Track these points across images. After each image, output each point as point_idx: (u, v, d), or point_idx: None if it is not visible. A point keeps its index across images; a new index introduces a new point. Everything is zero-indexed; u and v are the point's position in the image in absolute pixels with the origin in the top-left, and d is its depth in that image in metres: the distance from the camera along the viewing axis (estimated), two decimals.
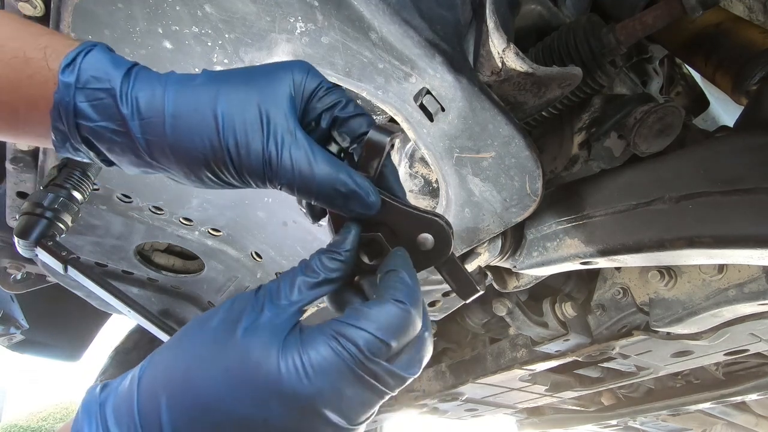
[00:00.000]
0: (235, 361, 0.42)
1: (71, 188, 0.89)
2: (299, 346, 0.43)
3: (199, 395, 0.42)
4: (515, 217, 0.93)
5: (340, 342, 0.42)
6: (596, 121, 0.98)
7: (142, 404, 0.42)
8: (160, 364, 0.44)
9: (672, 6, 0.80)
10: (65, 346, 2.49)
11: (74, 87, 0.46)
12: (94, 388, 0.45)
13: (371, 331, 0.43)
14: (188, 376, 0.42)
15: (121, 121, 0.46)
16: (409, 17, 0.71)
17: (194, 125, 0.46)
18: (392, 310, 0.44)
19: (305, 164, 0.48)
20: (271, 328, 0.44)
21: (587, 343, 1.41)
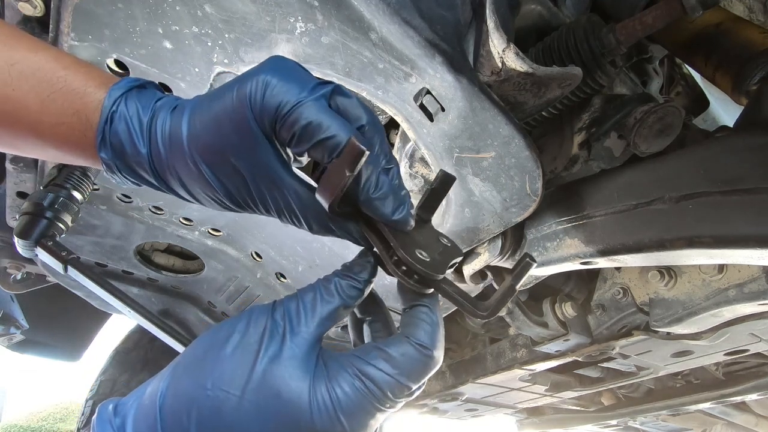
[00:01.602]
0: (266, 398, 0.43)
1: (71, 188, 0.89)
2: (327, 382, 0.45)
3: (226, 421, 0.42)
4: (515, 217, 0.93)
5: (365, 384, 0.45)
6: (596, 121, 0.98)
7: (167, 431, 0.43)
8: (183, 391, 0.44)
9: (672, 6, 0.80)
10: (65, 346, 2.49)
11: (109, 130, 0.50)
12: (106, 408, 0.45)
13: (395, 377, 0.45)
14: (218, 411, 0.43)
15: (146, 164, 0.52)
16: (409, 17, 0.71)
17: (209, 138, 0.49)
18: (414, 355, 0.47)
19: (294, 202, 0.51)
20: (298, 362, 0.45)
21: (587, 343, 1.41)
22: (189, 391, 0.44)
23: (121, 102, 0.50)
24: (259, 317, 0.47)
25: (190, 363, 0.46)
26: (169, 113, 0.50)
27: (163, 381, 0.46)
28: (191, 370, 0.45)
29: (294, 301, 0.49)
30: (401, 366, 0.46)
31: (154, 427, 0.43)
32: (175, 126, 0.49)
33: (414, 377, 0.46)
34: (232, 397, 0.43)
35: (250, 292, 1.49)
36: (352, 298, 0.50)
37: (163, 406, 0.44)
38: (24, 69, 0.49)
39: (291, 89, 0.46)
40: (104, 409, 0.46)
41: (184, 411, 0.43)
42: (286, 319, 0.47)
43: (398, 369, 0.46)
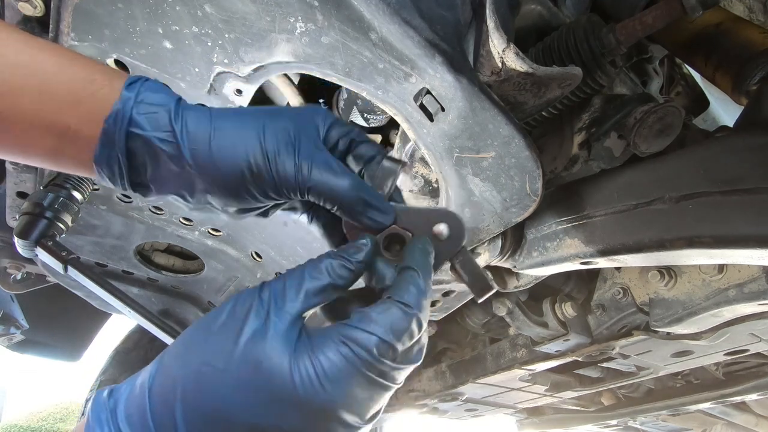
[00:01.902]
0: (248, 370, 0.43)
1: (71, 188, 0.89)
2: (310, 352, 0.44)
3: (214, 404, 0.43)
4: (515, 217, 0.93)
5: (350, 347, 0.44)
6: (596, 121, 0.98)
7: (156, 411, 0.43)
8: (170, 371, 0.45)
9: (672, 6, 0.80)
10: (65, 346, 2.49)
11: (134, 100, 0.51)
12: (101, 394, 0.46)
13: (379, 335, 0.44)
14: (202, 385, 0.43)
15: (170, 132, 0.51)
16: (409, 17, 0.71)
17: (238, 140, 0.52)
18: (397, 313, 0.46)
19: (333, 175, 0.53)
20: (280, 335, 0.45)
21: (587, 343, 1.41)
22: (175, 371, 0.45)
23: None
24: (246, 297, 0.48)
25: (178, 346, 0.47)
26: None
27: (153, 365, 0.47)
28: (179, 351, 0.46)
29: (281, 280, 0.49)
30: (384, 324, 0.45)
31: (143, 406, 0.43)
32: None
33: (398, 335, 0.45)
34: (215, 371, 0.43)
35: None
36: (342, 278, 0.50)
37: (152, 387, 0.44)
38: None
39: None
40: (99, 393, 0.47)
41: (170, 388, 0.44)
42: (272, 297, 0.47)
43: (381, 327, 0.45)
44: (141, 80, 0.53)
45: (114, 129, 0.50)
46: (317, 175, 0.52)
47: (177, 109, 0.52)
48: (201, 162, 0.51)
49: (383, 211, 0.55)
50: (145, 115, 0.51)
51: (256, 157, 0.52)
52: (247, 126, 0.53)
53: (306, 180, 0.52)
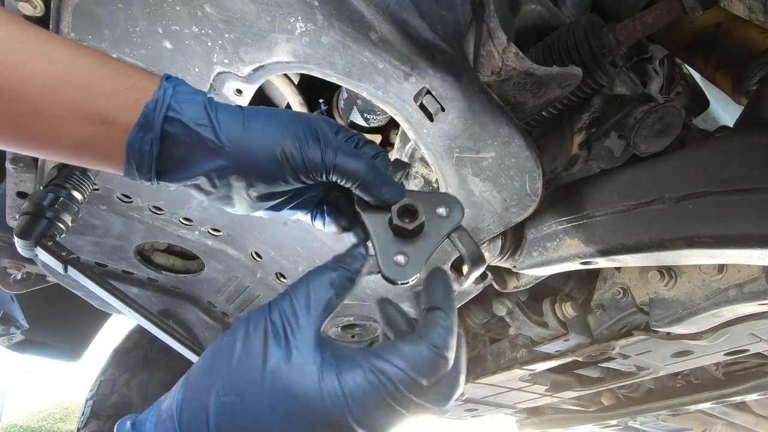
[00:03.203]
0: (278, 398, 0.46)
1: (71, 188, 0.89)
2: (338, 374, 0.47)
3: (243, 424, 0.45)
4: (515, 217, 0.93)
5: (376, 375, 0.47)
6: (596, 121, 0.98)
7: None
8: (198, 403, 0.46)
9: (672, 6, 0.80)
10: (65, 346, 2.49)
11: (172, 90, 0.55)
12: (123, 425, 0.48)
13: (406, 371, 0.47)
14: (235, 417, 0.45)
15: (207, 117, 0.55)
16: (409, 17, 0.71)
17: (269, 125, 0.58)
18: (427, 354, 0.49)
19: (351, 158, 0.59)
20: (304, 359, 0.47)
21: (587, 343, 1.41)
22: (203, 401, 0.46)
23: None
24: (257, 321, 0.49)
25: (199, 374, 0.48)
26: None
27: (177, 394, 0.48)
28: (202, 381, 0.48)
29: (287, 299, 0.51)
30: (413, 362, 0.48)
31: None
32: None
33: (425, 374, 0.48)
34: (246, 402, 0.45)
35: (250, 292, 1.49)
36: (344, 288, 0.54)
37: (181, 418, 0.45)
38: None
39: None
40: (122, 424, 0.48)
41: (202, 419, 0.45)
42: (284, 320, 0.49)
43: (410, 365, 0.47)
44: (175, 77, 0.58)
45: (153, 113, 0.53)
46: (340, 158, 0.59)
47: (210, 100, 0.57)
48: (235, 143, 0.56)
49: (394, 187, 0.62)
50: (184, 103, 0.55)
51: (287, 142, 0.57)
52: (274, 117, 0.59)
53: (332, 161, 0.58)
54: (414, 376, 0.47)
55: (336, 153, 0.59)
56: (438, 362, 0.49)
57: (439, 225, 0.63)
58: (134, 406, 2.37)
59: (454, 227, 0.64)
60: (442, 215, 0.63)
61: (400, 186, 0.63)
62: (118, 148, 0.54)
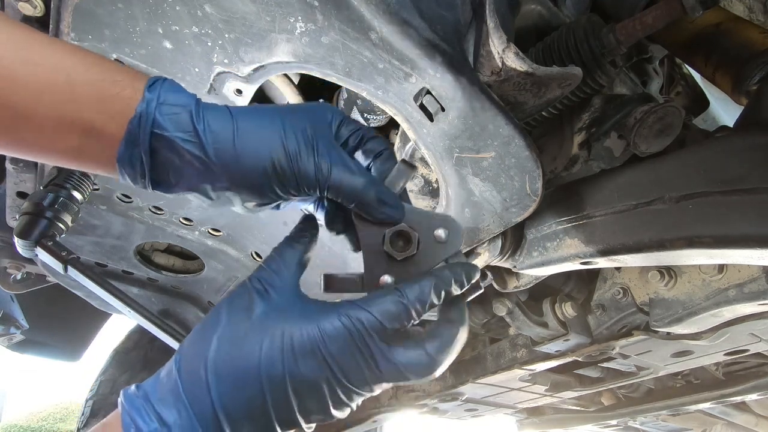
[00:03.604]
0: (267, 337, 0.51)
1: (71, 188, 0.89)
2: (316, 316, 0.53)
3: (239, 367, 0.50)
4: (515, 217, 0.93)
5: (349, 318, 0.52)
6: (596, 121, 0.98)
7: (187, 388, 0.50)
8: (194, 355, 0.52)
9: (672, 6, 0.80)
10: (65, 346, 2.49)
11: (156, 101, 0.53)
12: (128, 390, 0.52)
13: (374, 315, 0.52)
14: (229, 356, 0.51)
15: (193, 132, 0.53)
16: (409, 17, 0.71)
17: (260, 139, 0.55)
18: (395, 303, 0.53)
19: (350, 174, 0.57)
20: (285, 304, 0.54)
21: (587, 343, 1.41)
22: (199, 353, 0.51)
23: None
24: (240, 290, 0.56)
25: (193, 337, 0.54)
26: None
27: (174, 357, 0.53)
28: (196, 340, 0.53)
29: (262, 268, 0.58)
30: (381, 308, 0.53)
31: (176, 388, 0.50)
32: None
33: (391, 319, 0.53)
34: (237, 340, 0.51)
35: None
36: (309, 246, 0.62)
37: (180, 370, 0.51)
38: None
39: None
40: (126, 390, 0.52)
41: (199, 367, 0.50)
42: (263, 282, 0.56)
43: (378, 309, 0.52)
44: (160, 81, 0.55)
45: (138, 130, 0.52)
46: (336, 174, 0.56)
47: (198, 109, 0.54)
48: (225, 160, 0.54)
49: (395, 208, 0.60)
50: (168, 116, 0.53)
51: (279, 156, 0.55)
52: (267, 126, 0.56)
53: (326, 179, 0.56)
54: (381, 320, 0.52)
55: (331, 169, 0.56)
56: (406, 311, 0.53)
57: (435, 250, 0.60)
58: None
59: (450, 255, 0.61)
60: (440, 239, 0.61)
61: (400, 205, 0.60)
62: (109, 159, 0.53)
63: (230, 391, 0.49)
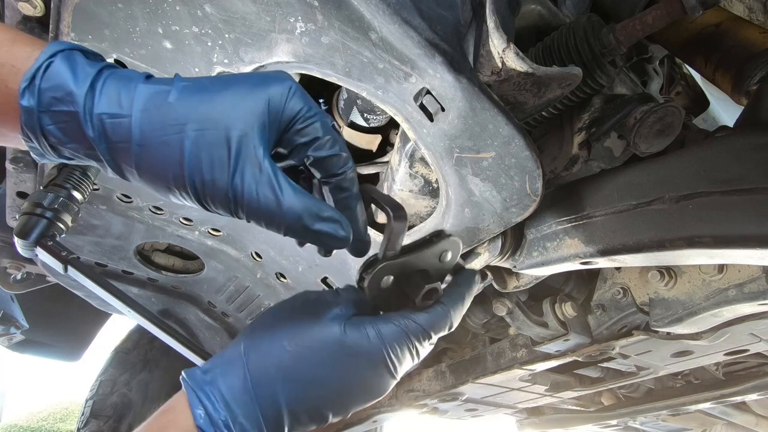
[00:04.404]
0: (337, 348, 0.57)
1: (71, 188, 0.89)
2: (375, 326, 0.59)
3: (308, 373, 0.55)
4: (515, 217, 0.93)
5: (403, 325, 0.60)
6: (596, 121, 0.98)
7: (255, 380, 0.53)
8: (266, 353, 0.56)
9: (672, 6, 0.80)
10: (65, 346, 2.50)
11: (37, 111, 0.44)
12: (194, 372, 0.55)
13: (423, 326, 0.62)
14: (299, 360, 0.55)
15: (88, 144, 0.45)
16: (409, 17, 0.71)
17: (162, 158, 0.45)
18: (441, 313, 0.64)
19: (271, 199, 0.47)
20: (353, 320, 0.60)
21: (587, 343, 1.41)
22: (271, 351, 0.56)
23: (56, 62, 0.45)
24: (309, 294, 0.64)
25: (263, 329, 0.59)
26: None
27: (242, 342, 0.57)
28: (266, 335, 0.58)
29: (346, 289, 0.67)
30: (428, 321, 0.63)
31: (245, 382, 0.53)
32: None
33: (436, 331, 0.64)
34: (306, 351, 0.56)
35: (250, 292, 1.49)
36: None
37: (248, 363, 0.54)
38: None
39: (310, 101, 0.53)
40: (191, 372, 0.55)
41: (271, 366, 0.54)
42: (341, 292, 0.65)
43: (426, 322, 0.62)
44: (40, 71, 0.44)
45: (34, 143, 0.46)
46: (253, 200, 0.46)
47: (88, 110, 0.44)
48: (128, 173, 0.48)
49: (337, 239, 0.52)
50: (57, 126, 0.45)
51: (178, 179, 0.46)
52: (172, 133, 0.45)
53: (241, 205, 0.47)
54: (429, 330, 0.61)
55: (243, 193, 0.45)
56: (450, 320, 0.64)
57: (443, 269, 0.69)
58: (134, 406, 2.37)
59: (454, 266, 0.71)
60: (446, 261, 0.69)
61: (346, 229, 0.53)
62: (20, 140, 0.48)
63: (298, 394, 0.54)
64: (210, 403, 0.51)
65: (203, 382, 0.53)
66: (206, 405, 0.51)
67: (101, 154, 0.46)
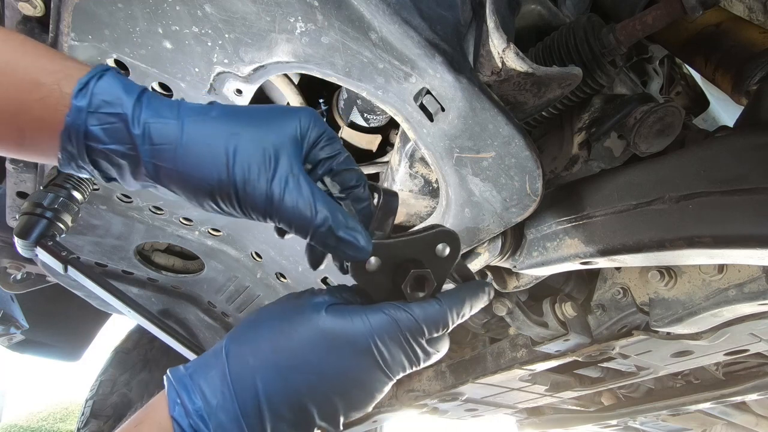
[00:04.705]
0: (316, 333, 0.54)
1: (71, 188, 0.89)
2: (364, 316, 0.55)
3: (286, 360, 0.52)
4: (515, 217, 0.93)
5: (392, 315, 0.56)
6: (596, 121, 0.98)
7: (234, 372, 0.51)
8: (245, 342, 0.54)
9: (672, 6, 0.80)
10: (65, 346, 2.50)
11: (86, 111, 0.47)
12: (177, 368, 0.54)
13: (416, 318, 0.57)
14: (276, 348, 0.53)
15: (131, 144, 0.49)
16: (409, 17, 0.71)
17: (206, 157, 0.50)
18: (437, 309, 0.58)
19: (305, 205, 0.52)
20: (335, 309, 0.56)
21: (587, 343, 1.41)
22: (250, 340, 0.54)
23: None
24: (290, 296, 0.60)
25: (246, 325, 0.56)
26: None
27: (224, 340, 0.55)
28: (249, 328, 0.56)
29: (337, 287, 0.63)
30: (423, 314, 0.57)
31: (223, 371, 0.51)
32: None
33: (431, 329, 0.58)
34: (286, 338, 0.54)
35: (250, 292, 1.49)
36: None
37: (228, 354, 0.53)
38: None
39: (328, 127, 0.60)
40: (173, 369, 0.54)
41: (248, 354, 0.53)
42: (313, 293, 0.59)
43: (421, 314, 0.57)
44: (94, 79, 0.49)
45: (71, 143, 0.48)
46: (289, 203, 0.51)
47: (137, 115, 0.49)
48: (164, 175, 0.50)
49: (357, 249, 0.56)
50: (101, 127, 0.48)
51: (224, 180, 0.50)
52: (216, 142, 0.50)
53: (277, 208, 0.51)
54: (421, 323, 0.56)
55: (283, 196, 0.51)
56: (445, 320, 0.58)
57: (442, 266, 0.61)
58: (134, 406, 2.37)
59: (456, 263, 0.63)
60: (442, 255, 0.61)
61: (367, 239, 0.56)
62: (55, 155, 0.50)
63: (276, 383, 0.51)
64: (187, 394, 0.50)
65: (183, 377, 0.52)
66: (183, 397, 0.50)
67: (142, 154, 0.49)
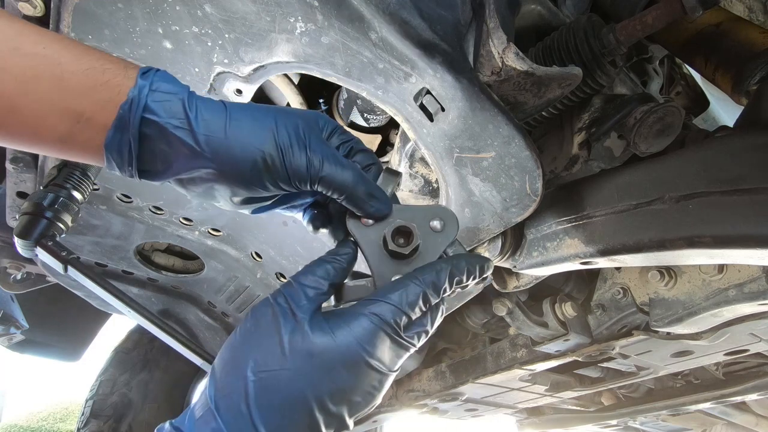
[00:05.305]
0: (300, 359, 0.51)
1: (71, 188, 0.89)
2: (346, 327, 0.53)
3: (283, 396, 0.50)
4: (515, 217, 0.93)
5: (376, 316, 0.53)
6: (596, 121, 0.98)
7: (231, 426, 0.49)
8: (229, 389, 0.51)
9: (672, 6, 0.80)
10: (65, 346, 2.50)
11: (148, 88, 0.53)
12: (162, 428, 0.52)
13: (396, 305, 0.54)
14: (268, 388, 0.51)
15: (185, 119, 0.53)
16: (409, 17, 0.71)
17: (254, 128, 0.55)
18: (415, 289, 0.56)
19: (339, 168, 0.58)
20: (314, 324, 0.53)
21: (587, 343, 1.41)
22: (237, 387, 0.51)
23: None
24: (264, 308, 0.55)
25: (224, 369, 0.53)
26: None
27: (207, 390, 0.52)
28: (229, 373, 0.52)
29: (290, 286, 0.57)
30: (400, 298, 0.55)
31: (218, 428, 0.49)
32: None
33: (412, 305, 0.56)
34: (273, 372, 0.51)
35: (250, 292, 1.49)
36: (338, 278, 0.59)
37: (219, 408, 0.50)
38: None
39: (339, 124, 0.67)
40: (160, 428, 0.52)
41: (240, 402, 0.50)
42: (290, 300, 0.55)
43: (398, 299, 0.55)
44: (153, 70, 0.55)
45: (129, 115, 0.52)
46: (327, 168, 0.57)
47: (190, 98, 0.54)
48: (215, 149, 0.54)
49: (384, 202, 0.61)
50: (160, 102, 0.53)
51: (271, 148, 0.55)
52: (260, 118, 0.56)
53: (317, 172, 0.57)
54: (403, 308, 0.54)
55: (323, 162, 0.57)
56: (425, 296, 0.56)
57: (435, 241, 0.62)
58: (134, 406, 2.37)
59: (450, 243, 0.62)
60: (437, 230, 0.62)
61: (388, 199, 0.61)
62: (98, 146, 0.53)
63: (278, 422, 0.50)
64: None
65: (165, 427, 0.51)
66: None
67: (195, 125, 0.53)
